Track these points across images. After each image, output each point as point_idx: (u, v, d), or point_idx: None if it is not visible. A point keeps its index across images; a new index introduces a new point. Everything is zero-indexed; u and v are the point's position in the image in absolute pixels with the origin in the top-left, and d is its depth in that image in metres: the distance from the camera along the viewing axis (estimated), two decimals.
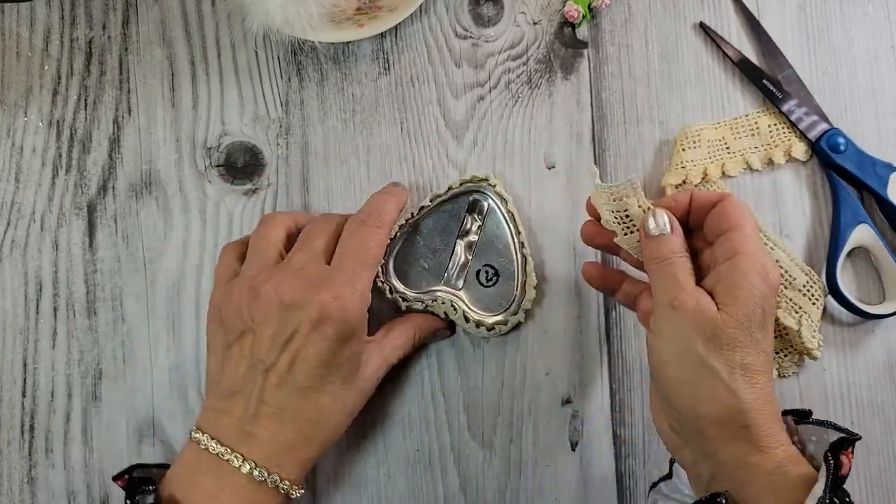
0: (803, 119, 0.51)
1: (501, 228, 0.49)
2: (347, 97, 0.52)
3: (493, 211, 0.49)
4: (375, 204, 0.45)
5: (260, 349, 0.40)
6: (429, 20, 0.53)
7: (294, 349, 0.40)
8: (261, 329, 0.40)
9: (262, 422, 0.39)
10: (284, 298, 0.40)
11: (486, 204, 0.49)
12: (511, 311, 0.48)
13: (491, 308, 0.48)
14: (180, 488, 0.39)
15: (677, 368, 0.38)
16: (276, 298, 0.40)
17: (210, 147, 0.51)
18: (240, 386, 0.40)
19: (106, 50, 0.52)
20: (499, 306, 0.48)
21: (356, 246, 0.42)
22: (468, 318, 0.48)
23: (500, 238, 0.49)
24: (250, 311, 0.40)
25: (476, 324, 0.48)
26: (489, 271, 0.48)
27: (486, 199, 0.49)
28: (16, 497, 0.48)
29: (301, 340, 0.39)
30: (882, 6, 0.53)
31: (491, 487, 0.49)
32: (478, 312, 0.48)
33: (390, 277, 0.48)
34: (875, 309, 0.49)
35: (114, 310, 0.50)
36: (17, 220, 0.50)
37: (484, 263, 0.48)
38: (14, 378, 0.49)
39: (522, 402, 0.49)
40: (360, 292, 0.41)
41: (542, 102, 0.52)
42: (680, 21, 0.53)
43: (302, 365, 0.39)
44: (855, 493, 0.49)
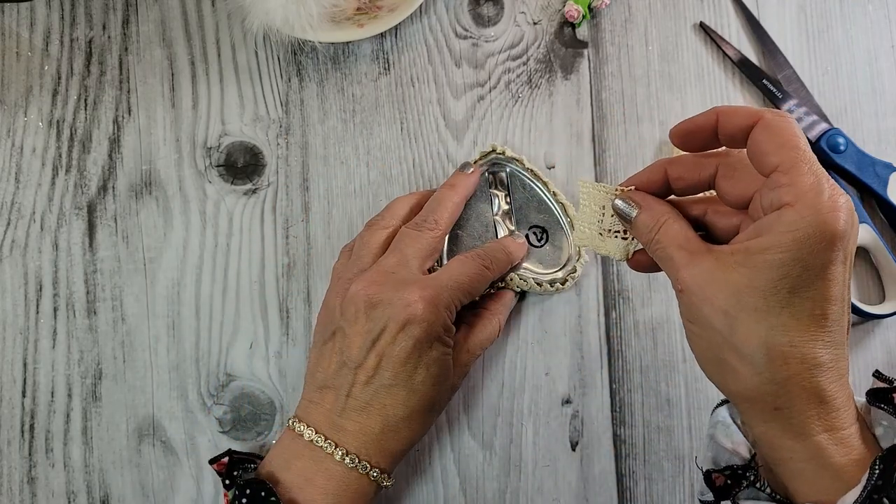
0: (803, 119, 0.51)
1: (528, 187, 0.50)
2: (347, 97, 0.52)
3: (514, 175, 0.50)
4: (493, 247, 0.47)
5: (350, 347, 0.42)
6: (429, 20, 0.53)
7: (381, 348, 0.41)
8: (350, 328, 0.42)
9: (350, 414, 0.41)
10: (371, 298, 0.41)
11: (504, 172, 0.50)
12: (574, 258, 0.49)
13: (555, 263, 0.49)
14: (278, 469, 0.41)
15: (700, 349, 0.35)
16: (364, 298, 0.42)
17: (210, 147, 0.51)
18: (331, 381, 0.42)
19: (106, 50, 0.52)
20: (560, 258, 0.49)
21: (460, 272, 0.44)
22: (540, 283, 0.48)
23: (532, 197, 0.50)
24: (342, 310, 0.42)
25: (550, 283, 0.48)
26: (537, 231, 0.49)
27: (502, 169, 0.50)
28: (16, 497, 0.48)
29: (388, 339, 0.41)
30: (882, 6, 0.53)
31: (491, 487, 0.49)
32: (546, 273, 0.49)
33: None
34: (875, 309, 0.49)
35: (114, 310, 0.50)
36: (17, 220, 0.50)
37: (529, 226, 0.49)
38: (14, 378, 0.49)
39: (522, 402, 0.49)
40: (448, 303, 0.42)
41: (542, 102, 0.52)
42: (680, 21, 0.53)
43: (388, 363, 0.41)
44: None
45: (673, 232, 0.35)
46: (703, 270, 0.33)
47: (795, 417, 0.32)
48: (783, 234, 0.31)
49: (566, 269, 0.49)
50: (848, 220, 0.31)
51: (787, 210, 0.31)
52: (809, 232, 0.30)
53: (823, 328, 0.32)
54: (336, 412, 0.41)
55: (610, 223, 0.39)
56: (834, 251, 0.31)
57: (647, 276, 0.50)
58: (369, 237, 0.46)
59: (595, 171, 0.52)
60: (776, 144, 0.32)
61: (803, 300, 0.31)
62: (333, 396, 0.42)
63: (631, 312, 0.50)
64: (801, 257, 0.31)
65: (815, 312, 0.31)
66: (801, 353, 0.31)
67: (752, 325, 0.32)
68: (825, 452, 0.32)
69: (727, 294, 0.32)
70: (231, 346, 0.50)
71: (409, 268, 0.43)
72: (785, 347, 0.31)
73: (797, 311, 0.31)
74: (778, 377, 0.32)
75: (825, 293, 0.31)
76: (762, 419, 0.33)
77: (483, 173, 0.50)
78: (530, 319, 0.50)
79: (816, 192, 0.31)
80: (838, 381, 0.32)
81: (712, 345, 0.33)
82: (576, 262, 0.49)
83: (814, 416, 0.32)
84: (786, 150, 0.32)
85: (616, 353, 0.50)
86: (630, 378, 0.50)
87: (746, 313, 0.32)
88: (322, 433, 0.41)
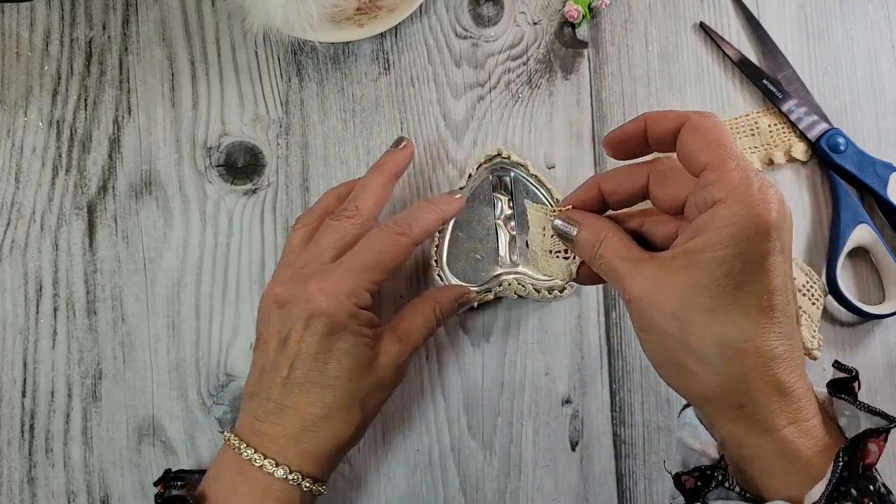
0: (803, 119, 0.51)
1: (532, 192, 0.50)
2: (347, 97, 0.52)
3: (518, 180, 0.50)
4: (410, 212, 0.44)
5: (267, 351, 0.41)
6: (429, 20, 0.53)
7: (291, 347, 0.40)
8: (266, 331, 0.41)
9: (268, 418, 0.40)
10: (279, 297, 0.41)
11: (509, 177, 0.50)
12: (576, 264, 0.48)
13: None
14: (209, 484, 0.40)
15: (657, 357, 0.35)
16: (272, 298, 0.41)
17: (210, 147, 0.51)
18: (256, 388, 0.41)
19: (106, 50, 0.52)
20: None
21: (366, 248, 0.41)
22: (538, 290, 0.48)
23: (535, 202, 0.49)
24: (261, 314, 0.42)
25: (548, 290, 0.48)
26: None
27: (506, 173, 0.50)
28: (16, 497, 0.48)
29: (296, 337, 0.40)
30: (882, 6, 0.53)
31: (491, 487, 0.49)
32: (545, 279, 0.49)
33: (450, 280, 0.48)
34: (875, 309, 0.49)
35: (114, 310, 0.50)
36: (17, 220, 0.50)
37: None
38: (14, 378, 0.49)
39: (522, 402, 0.49)
40: (351, 289, 0.40)
41: (542, 102, 0.52)
42: (680, 21, 0.53)
43: (298, 361, 0.40)
44: None
45: (614, 245, 0.35)
46: (648, 278, 0.33)
47: (759, 413, 0.32)
48: (719, 230, 0.31)
49: None
50: (780, 210, 0.31)
51: (719, 206, 0.31)
52: (743, 225, 0.30)
53: (773, 320, 0.32)
54: (257, 417, 0.40)
55: (551, 244, 0.39)
56: (770, 241, 0.31)
57: None
58: (291, 237, 0.44)
59: (595, 171, 0.52)
60: (703, 143, 0.32)
61: (749, 294, 0.31)
62: (257, 402, 0.41)
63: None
64: (739, 251, 0.31)
65: (762, 305, 0.31)
66: (755, 346, 0.31)
67: (703, 325, 0.32)
68: (792, 446, 0.32)
69: (674, 298, 0.32)
70: (231, 346, 0.50)
71: (321, 261, 0.41)
72: (739, 343, 0.31)
73: (745, 305, 0.31)
74: (736, 374, 0.32)
75: (769, 285, 0.31)
76: (727, 419, 0.33)
77: (487, 176, 0.50)
78: (530, 320, 0.50)
79: (746, 186, 0.31)
80: (795, 372, 0.32)
81: (667, 350, 0.33)
82: None
83: (777, 409, 0.32)
84: (713, 148, 0.32)
85: (616, 353, 0.50)
86: (630, 378, 0.50)
87: (696, 314, 0.32)
88: (245, 441, 0.40)
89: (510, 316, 0.50)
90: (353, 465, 0.49)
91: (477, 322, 0.50)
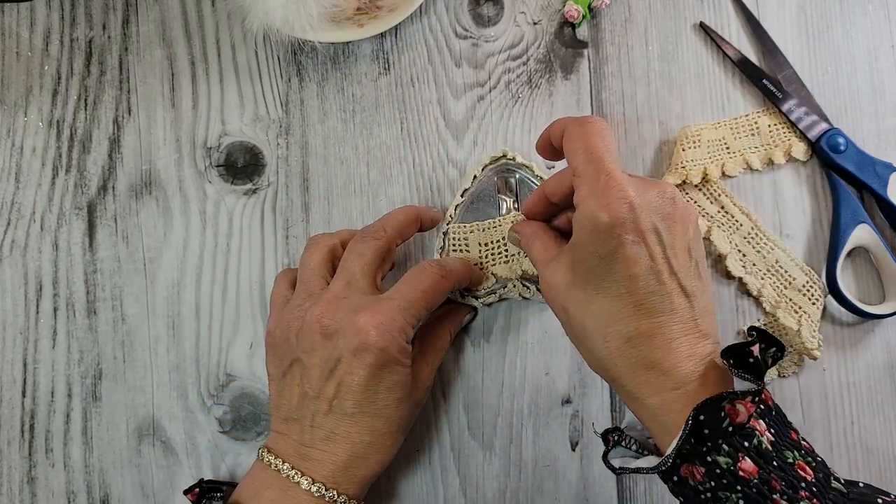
0: (803, 119, 0.51)
1: None
2: (347, 97, 0.52)
3: (523, 182, 0.50)
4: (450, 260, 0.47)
5: (309, 378, 0.41)
6: (429, 20, 0.53)
7: (339, 377, 0.41)
8: (308, 358, 0.41)
9: (316, 444, 0.41)
10: (326, 327, 0.41)
11: (514, 179, 0.49)
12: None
13: None
14: (247, 499, 0.41)
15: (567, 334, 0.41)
16: (319, 328, 0.41)
17: (210, 147, 0.51)
18: (295, 413, 0.42)
19: (106, 50, 0.52)
20: None
21: (414, 286, 0.43)
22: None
23: None
24: (298, 340, 0.42)
25: None
26: None
27: (511, 175, 0.50)
28: (16, 497, 0.48)
29: (345, 368, 0.41)
30: (882, 6, 0.53)
31: (491, 487, 0.49)
32: None
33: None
34: (875, 309, 0.49)
35: (114, 310, 0.50)
36: (17, 220, 0.50)
37: None
38: (14, 378, 0.49)
39: (522, 402, 0.49)
40: (402, 326, 0.41)
41: (542, 102, 0.52)
42: (680, 21, 0.53)
43: (348, 392, 0.41)
44: None
45: (536, 248, 0.42)
46: (551, 274, 0.39)
47: (628, 386, 0.37)
48: (578, 232, 0.37)
49: None
50: (623, 206, 0.35)
51: (577, 209, 0.37)
52: (591, 226, 0.36)
53: (635, 304, 0.36)
54: (303, 442, 0.41)
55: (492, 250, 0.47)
56: (614, 237, 0.36)
57: None
58: (308, 257, 0.45)
59: None
60: (573, 150, 0.38)
61: (610, 284, 0.36)
62: (299, 427, 0.41)
63: None
64: (593, 249, 0.36)
65: (621, 292, 0.36)
66: (617, 329, 0.36)
67: (578, 314, 0.38)
68: (660, 412, 0.36)
69: (562, 291, 0.38)
70: (231, 346, 0.50)
71: (358, 288, 0.42)
72: (602, 328, 0.37)
73: (608, 294, 0.37)
74: (602, 354, 0.37)
75: (626, 273, 0.36)
76: (615, 387, 0.39)
77: (492, 177, 0.50)
78: (530, 320, 0.50)
79: (593, 192, 0.36)
80: (665, 347, 0.36)
81: (567, 332, 0.40)
82: None
83: (643, 382, 0.36)
84: (579, 155, 0.37)
85: None
86: None
87: (574, 305, 0.38)
88: (290, 463, 0.41)
89: (510, 316, 0.50)
90: None
91: (477, 322, 0.50)
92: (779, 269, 0.50)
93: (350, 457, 0.41)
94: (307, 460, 0.41)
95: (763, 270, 0.50)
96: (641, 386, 0.36)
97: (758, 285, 0.50)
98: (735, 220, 0.51)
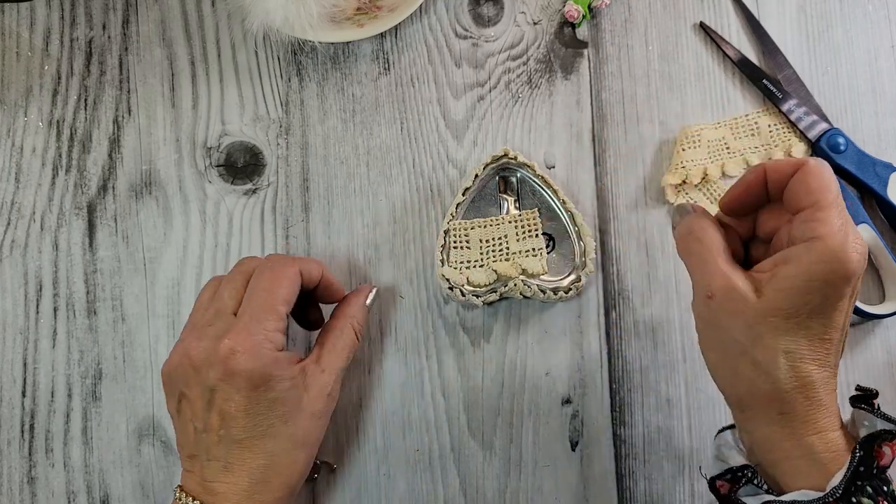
0: (803, 119, 0.51)
1: (538, 194, 0.50)
2: (347, 97, 0.52)
3: (524, 181, 0.50)
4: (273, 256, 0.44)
5: (194, 412, 0.41)
6: (429, 20, 0.53)
7: (218, 406, 0.40)
8: (189, 392, 0.41)
9: (218, 477, 0.40)
10: (193, 360, 0.40)
11: (515, 178, 0.50)
12: (579, 267, 0.49)
13: (560, 271, 0.49)
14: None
15: (716, 355, 0.38)
16: (188, 361, 0.40)
17: (210, 147, 0.51)
18: (193, 449, 0.41)
19: (106, 50, 0.52)
20: (566, 266, 0.49)
21: (257, 290, 0.41)
22: (544, 290, 0.48)
23: (541, 204, 0.49)
24: (177, 375, 0.41)
25: (553, 291, 0.48)
26: (544, 238, 0.49)
27: (512, 174, 0.50)
28: (16, 497, 0.48)
29: (221, 396, 0.40)
30: (882, 6, 0.53)
31: (491, 487, 0.49)
32: (550, 280, 0.48)
33: (454, 281, 0.48)
34: (875, 309, 0.49)
35: (114, 310, 0.50)
36: (17, 220, 0.50)
37: None
38: (14, 378, 0.49)
39: (522, 402, 0.49)
40: (262, 337, 0.40)
41: (542, 102, 0.52)
42: (680, 21, 0.53)
43: (230, 420, 0.40)
44: None
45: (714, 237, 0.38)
46: (736, 284, 0.36)
47: (796, 420, 0.36)
48: (810, 264, 0.35)
49: (571, 278, 0.49)
50: (862, 262, 0.35)
51: (815, 243, 0.35)
52: (833, 267, 0.34)
53: (827, 350, 0.36)
54: (204, 477, 0.40)
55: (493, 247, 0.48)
56: (848, 286, 0.35)
57: (647, 275, 0.50)
58: (201, 294, 0.44)
59: (595, 171, 0.52)
60: (816, 185, 0.36)
61: (817, 324, 0.36)
62: (199, 463, 0.41)
63: (631, 312, 0.50)
64: (821, 288, 0.35)
65: (823, 336, 0.36)
66: (808, 368, 0.36)
67: (771, 339, 0.36)
68: (817, 449, 0.36)
69: (754, 310, 0.36)
70: None
71: (225, 314, 0.41)
72: (797, 362, 0.36)
73: (810, 332, 0.36)
74: (788, 386, 0.36)
75: (834, 321, 0.36)
76: (766, 422, 0.37)
77: (493, 176, 0.50)
78: (530, 320, 0.50)
79: (844, 233, 0.35)
80: (831, 393, 0.37)
81: (728, 353, 0.37)
82: (581, 272, 0.48)
83: (811, 419, 0.36)
84: (823, 192, 0.36)
85: (616, 353, 0.50)
86: (630, 378, 0.50)
87: (769, 329, 0.36)
88: (199, 500, 0.40)
89: (510, 316, 0.50)
90: (352, 464, 0.49)
91: (477, 322, 0.50)
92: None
93: (250, 483, 0.40)
94: (213, 494, 0.40)
95: None
96: (809, 423, 0.36)
97: None
98: None
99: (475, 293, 0.48)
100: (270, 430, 0.40)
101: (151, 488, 0.48)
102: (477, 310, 0.50)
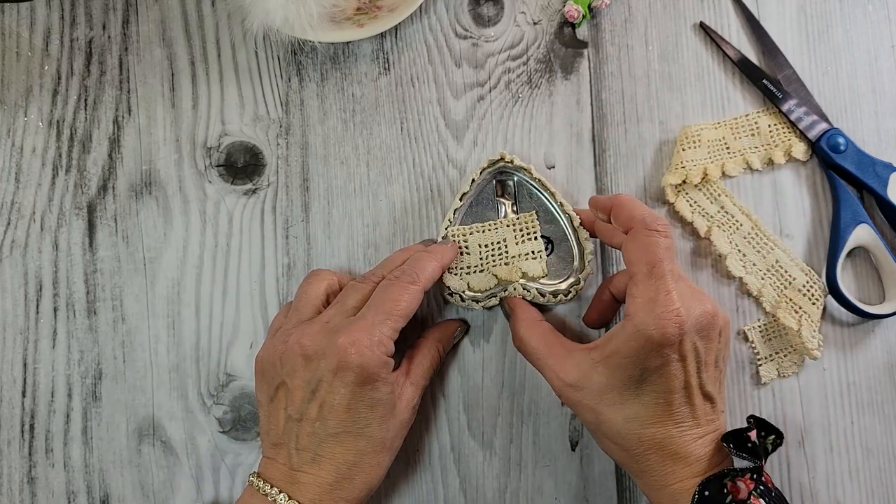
0: (803, 119, 0.51)
1: (536, 197, 0.49)
2: (347, 97, 0.52)
3: (521, 185, 0.50)
4: (414, 262, 0.45)
5: (293, 401, 0.42)
6: (429, 20, 0.53)
7: (321, 398, 0.41)
8: (291, 381, 0.42)
9: (303, 467, 0.41)
10: (306, 349, 0.41)
11: (512, 182, 0.50)
12: (578, 270, 0.49)
13: (559, 274, 0.49)
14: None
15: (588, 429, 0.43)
16: (299, 350, 0.42)
17: (210, 147, 0.51)
18: (282, 438, 0.42)
19: (106, 50, 0.52)
20: (565, 269, 0.49)
21: (383, 298, 0.43)
22: (543, 294, 0.48)
23: (539, 207, 0.49)
24: (282, 364, 0.42)
25: (553, 294, 0.48)
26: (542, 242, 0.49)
27: (509, 178, 0.50)
28: (16, 497, 0.48)
29: (326, 388, 0.41)
30: (882, 6, 0.53)
31: (491, 487, 0.49)
32: (549, 284, 0.48)
33: (454, 281, 0.48)
34: (875, 309, 0.49)
35: (114, 310, 0.50)
36: (17, 220, 0.50)
37: None
38: (14, 378, 0.49)
39: (522, 402, 0.49)
40: (379, 339, 0.41)
41: (542, 102, 0.52)
42: (680, 21, 0.53)
43: (330, 412, 0.41)
44: (855, 493, 0.49)
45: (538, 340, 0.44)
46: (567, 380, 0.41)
47: (654, 476, 0.40)
48: (625, 342, 0.39)
49: (570, 281, 0.48)
50: (675, 330, 0.38)
51: (627, 321, 0.39)
52: (642, 342, 0.38)
53: (669, 413, 0.39)
54: (290, 466, 0.41)
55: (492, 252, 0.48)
56: (663, 356, 0.38)
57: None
58: (306, 287, 0.46)
59: (595, 171, 0.52)
60: (636, 258, 0.40)
61: (648, 393, 0.39)
62: (286, 451, 0.42)
63: None
64: (638, 362, 0.38)
65: (658, 402, 0.39)
66: (652, 432, 0.39)
67: (612, 414, 0.40)
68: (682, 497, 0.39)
69: (590, 395, 0.40)
70: (231, 346, 0.50)
71: (345, 314, 0.43)
72: (637, 430, 0.40)
73: (645, 401, 0.39)
74: (636, 452, 0.40)
75: (666, 386, 0.39)
76: (636, 477, 0.42)
77: (490, 181, 0.50)
78: None
79: (650, 308, 0.38)
80: (694, 443, 0.40)
81: (590, 429, 0.42)
82: (580, 275, 0.48)
83: (670, 472, 0.39)
84: (641, 265, 0.40)
85: None
86: None
87: (608, 407, 0.40)
88: (278, 487, 0.41)
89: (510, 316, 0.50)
90: None
91: (477, 322, 0.50)
92: (779, 269, 0.50)
93: (336, 478, 0.41)
94: (295, 484, 0.41)
95: (763, 270, 0.50)
96: (669, 476, 0.39)
97: (758, 285, 0.50)
98: (735, 220, 0.51)
99: (475, 298, 0.48)
100: (366, 429, 0.42)
101: (151, 488, 0.48)
102: (477, 310, 0.50)
